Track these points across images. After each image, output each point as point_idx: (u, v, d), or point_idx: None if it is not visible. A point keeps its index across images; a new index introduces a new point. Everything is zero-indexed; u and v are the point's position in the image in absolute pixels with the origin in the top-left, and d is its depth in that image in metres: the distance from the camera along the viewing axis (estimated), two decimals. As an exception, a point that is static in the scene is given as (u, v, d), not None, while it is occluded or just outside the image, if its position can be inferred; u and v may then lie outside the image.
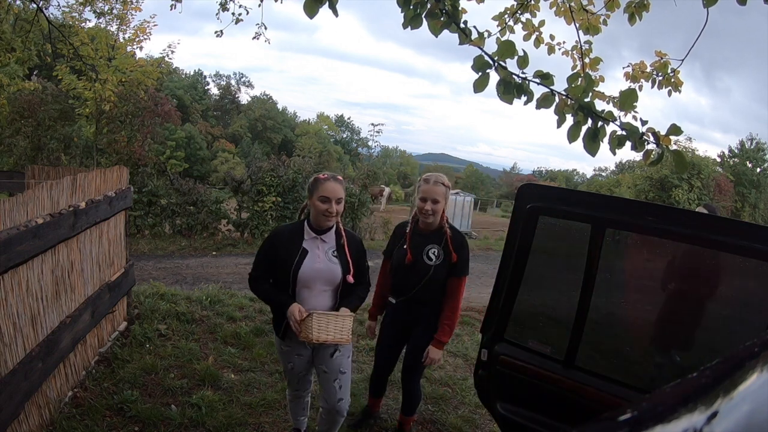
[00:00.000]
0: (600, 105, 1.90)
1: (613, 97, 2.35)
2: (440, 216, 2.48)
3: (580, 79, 1.91)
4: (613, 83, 2.75)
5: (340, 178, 2.17)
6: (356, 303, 2.25)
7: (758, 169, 28.62)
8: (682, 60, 2.53)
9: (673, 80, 2.65)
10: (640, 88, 2.69)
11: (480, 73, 1.83)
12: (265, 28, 4.13)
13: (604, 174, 45.37)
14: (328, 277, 2.15)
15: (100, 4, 9.25)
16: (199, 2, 4.67)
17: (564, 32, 2.91)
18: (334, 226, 2.21)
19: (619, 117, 1.82)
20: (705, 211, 3.18)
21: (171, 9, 4.02)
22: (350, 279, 2.19)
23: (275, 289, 2.18)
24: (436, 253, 2.46)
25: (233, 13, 3.96)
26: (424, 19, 1.96)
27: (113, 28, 10.03)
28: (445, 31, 1.98)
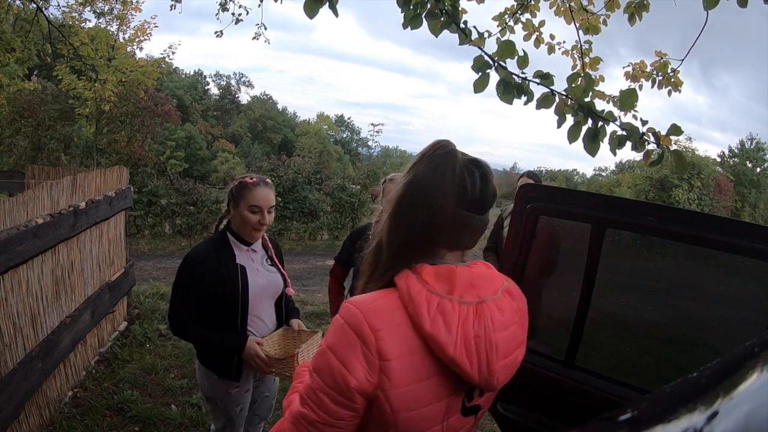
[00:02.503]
0: (600, 105, 1.90)
1: (613, 97, 2.35)
2: None
3: (580, 79, 1.91)
4: (611, 81, 2.75)
5: (270, 182, 1.86)
6: (297, 314, 2.02)
7: (758, 169, 28.64)
8: (682, 60, 2.53)
9: (673, 80, 2.65)
10: (641, 87, 2.69)
11: (480, 74, 1.83)
12: (265, 29, 4.14)
13: (604, 174, 45.38)
14: (273, 291, 1.88)
15: (100, 4, 9.28)
16: (197, 2, 4.68)
17: (564, 32, 2.91)
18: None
19: (620, 117, 1.83)
20: (530, 181, 2.97)
21: (171, 9, 4.02)
22: (290, 291, 1.94)
23: (212, 330, 1.76)
24: None
25: (233, 14, 3.96)
26: (424, 19, 1.97)
27: (113, 28, 10.06)
28: (444, 31, 1.98)
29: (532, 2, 2.78)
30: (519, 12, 2.78)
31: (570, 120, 1.86)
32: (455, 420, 0.89)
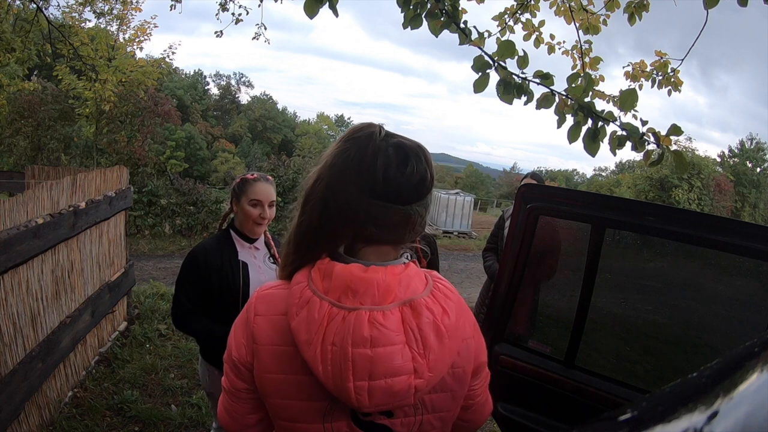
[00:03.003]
0: (600, 105, 1.90)
1: (613, 97, 2.35)
2: None
3: (580, 79, 1.91)
4: (610, 81, 2.75)
5: (271, 178, 1.92)
6: None
7: (758, 169, 28.64)
8: (682, 60, 2.53)
9: (673, 80, 2.65)
10: (641, 87, 2.69)
11: (480, 73, 1.83)
12: (265, 28, 4.13)
13: (604, 174, 45.40)
14: None
15: (100, 4, 9.27)
16: (195, 2, 4.68)
17: (564, 32, 2.91)
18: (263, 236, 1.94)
19: (620, 117, 1.82)
20: (533, 181, 2.95)
21: (171, 9, 4.02)
22: None
23: (215, 323, 1.78)
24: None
25: (233, 14, 3.96)
26: (424, 19, 1.97)
27: (113, 28, 10.06)
28: (443, 31, 1.98)
29: (532, 2, 2.78)
30: (519, 12, 2.78)
31: (570, 120, 1.86)
32: (344, 426, 0.81)
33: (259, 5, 3.66)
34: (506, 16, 2.80)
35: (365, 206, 0.78)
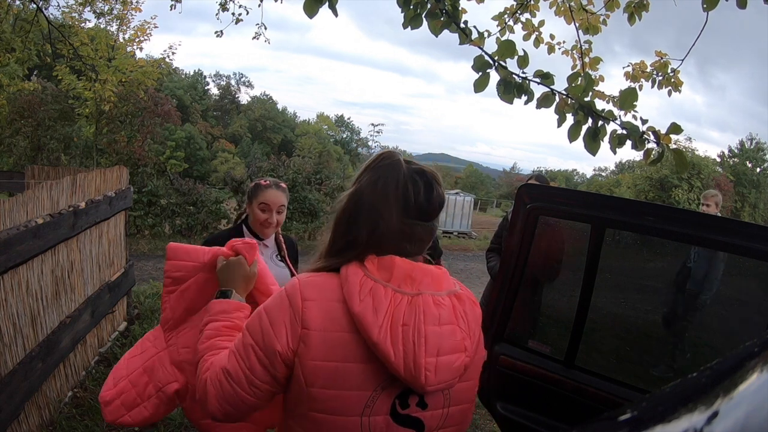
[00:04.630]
0: (600, 104, 1.90)
1: (613, 96, 2.35)
2: None
3: (580, 78, 1.91)
4: (608, 79, 2.73)
5: (284, 186, 2.02)
6: None
7: (758, 169, 28.64)
8: (682, 60, 2.53)
9: (673, 80, 2.65)
10: (641, 87, 2.69)
11: (480, 73, 1.83)
12: (265, 28, 4.13)
13: (603, 174, 45.42)
14: (280, 284, 1.93)
15: (100, 4, 9.26)
16: (192, 2, 4.67)
17: (564, 32, 2.91)
18: (274, 235, 2.02)
19: (620, 116, 1.83)
20: (537, 182, 2.95)
21: (171, 9, 4.02)
22: None
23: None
24: None
25: (233, 13, 3.96)
26: (424, 19, 1.97)
27: (113, 28, 10.06)
28: (442, 31, 1.98)
29: (532, 2, 2.78)
30: (519, 12, 2.78)
31: (570, 119, 1.86)
32: (381, 421, 0.86)
33: (259, 5, 3.66)
34: (506, 16, 2.80)
35: (402, 227, 0.91)
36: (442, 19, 1.94)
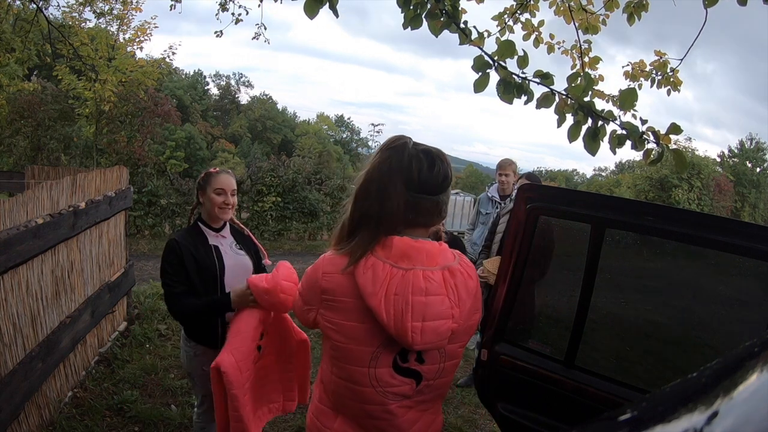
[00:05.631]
0: (600, 104, 1.90)
1: (612, 96, 2.35)
2: None
3: (579, 78, 1.91)
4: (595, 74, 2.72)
5: (231, 171, 2.14)
6: None
7: (758, 169, 28.64)
8: (681, 60, 2.53)
9: (672, 79, 2.65)
10: (640, 87, 2.69)
11: (480, 73, 1.82)
12: (265, 28, 4.13)
13: (603, 174, 45.39)
14: (243, 271, 2.03)
15: (100, 4, 9.26)
16: (188, 2, 4.65)
17: (564, 32, 2.91)
18: (228, 224, 2.12)
19: (619, 116, 1.82)
20: (527, 182, 2.84)
21: (171, 9, 4.02)
22: (267, 262, 2.15)
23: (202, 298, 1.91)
24: None
25: (233, 14, 3.96)
26: (424, 20, 1.96)
27: (113, 28, 10.05)
28: (424, 29, 1.98)
29: (532, 2, 2.78)
30: (518, 12, 2.78)
31: (570, 119, 1.86)
32: (385, 373, 1.06)
33: (259, 5, 3.66)
34: (506, 16, 2.80)
35: (409, 199, 1.06)
36: (442, 19, 1.94)
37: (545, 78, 1.84)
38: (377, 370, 1.05)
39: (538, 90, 1.87)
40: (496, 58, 1.83)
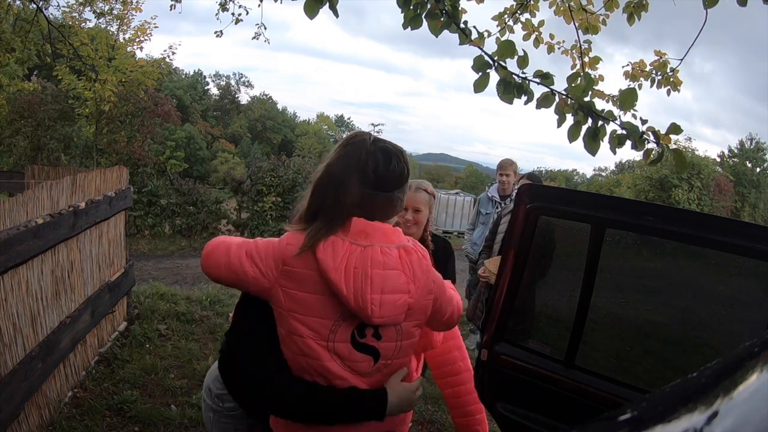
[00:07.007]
0: (600, 104, 1.90)
1: (612, 96, 2.35)
2: (423, 227, 2.08)
3: (579, 78, 1.91)
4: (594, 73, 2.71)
5: None
6: None
7: (758, 169, 28.64)
8: (681, 59, 2.53)
9: (672, 80, 2.65)
10: (640, 87, 2.69)
11: (480, 73, 1.83)
12: (265, 28, 4.13)
13: (603, 174, 45.39)
14: None
15: (100, 4, 9.26)
16: (188, 2, 4.64)
17: (564, 32, 2.91)
18: None
19: (619, 116, 1.83)
20: (528, 182, 2.85)
21: (171, 9, 4.02)
22: None
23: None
24: None
25: (233, 14, 3.96)
26: (424, 20, 1.97)
27: (113, 28, 10.05)
28: (423, 29, 1.98)
29: (532, 2, 2.78)
30: (518, 12, 2.78)
31: (570, 119, 1.86)
32: (344, 348, 1.08)
33: (259, 5, 3.66)
34: (506, 16, 2.80)
35: (364, 195, 1.09)
36: (442, 19, 1.94)
37: (545, 78, 1.85)
38: (336, 344, 1.07)
39: (538, 90, 1.88)
40: (496, 58, 1.83)
